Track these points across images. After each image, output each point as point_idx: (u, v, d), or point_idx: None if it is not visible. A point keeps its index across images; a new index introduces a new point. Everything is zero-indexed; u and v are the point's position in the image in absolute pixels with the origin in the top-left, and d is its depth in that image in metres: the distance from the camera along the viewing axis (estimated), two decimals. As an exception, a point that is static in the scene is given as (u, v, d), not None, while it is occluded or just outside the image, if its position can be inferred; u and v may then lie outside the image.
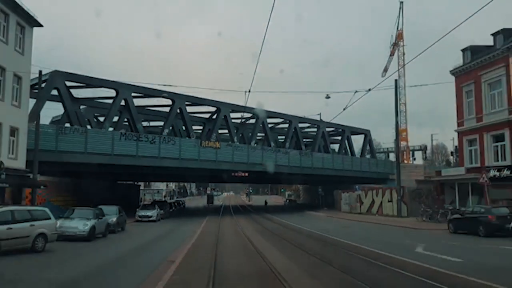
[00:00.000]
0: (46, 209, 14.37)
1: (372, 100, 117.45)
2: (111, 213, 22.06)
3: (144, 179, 66.01)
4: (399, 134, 59.09)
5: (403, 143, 60.48)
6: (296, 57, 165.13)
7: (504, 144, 26.54)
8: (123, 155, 31.87)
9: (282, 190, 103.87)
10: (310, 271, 10.44)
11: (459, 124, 30.96)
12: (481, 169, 26.42)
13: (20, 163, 22.75)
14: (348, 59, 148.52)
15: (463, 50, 31.03)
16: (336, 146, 57.62)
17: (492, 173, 24.73)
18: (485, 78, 28.11)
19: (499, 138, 27.00)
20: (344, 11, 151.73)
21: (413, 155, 68.34)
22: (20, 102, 22.85)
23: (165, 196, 79.21)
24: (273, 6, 10.75)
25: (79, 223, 17.25)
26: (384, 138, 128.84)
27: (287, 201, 74.32)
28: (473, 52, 30.04)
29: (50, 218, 13.80)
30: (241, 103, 37.98)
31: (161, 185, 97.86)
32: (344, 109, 28.95)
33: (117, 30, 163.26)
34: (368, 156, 54.85)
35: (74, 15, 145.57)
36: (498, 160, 26.84)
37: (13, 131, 22.25)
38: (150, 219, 30.77)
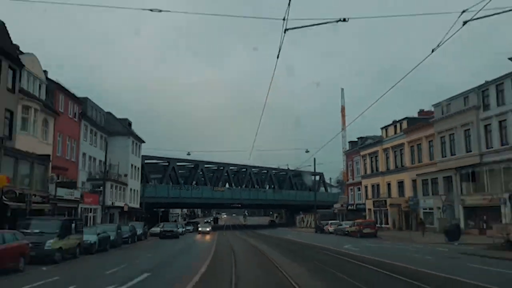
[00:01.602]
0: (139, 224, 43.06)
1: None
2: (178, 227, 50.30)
3: (180, 208, 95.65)
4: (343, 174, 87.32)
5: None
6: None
7: (360, 193, 55.55)
8: (173, 197, 60.87)
9: (271, 213, 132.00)
10: (257, 240, 38.75)
11: (348, 179, 60.09)
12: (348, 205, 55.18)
13: (137, 205, 51.61)
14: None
15: (349, 142, 60.34)
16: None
17: (350, 207, 53.38)
18: (359, 156, 57.29)
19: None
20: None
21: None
22: (138, 178, 51.92)
23: (184, 220, 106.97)
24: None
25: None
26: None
27: (270, 221, 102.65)
28: (352, 143, 59.26)
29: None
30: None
31: (177, 210, 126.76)
32: (314, 158, 57.77)
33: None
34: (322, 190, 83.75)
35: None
36: (359, 200, 55.71)
37: (135, 191, 51.24)
38: (190, 231, 59.25)
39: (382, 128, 48.98)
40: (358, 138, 57.19)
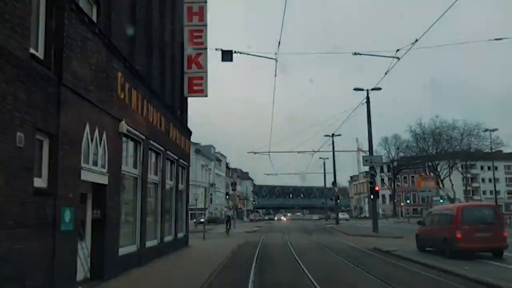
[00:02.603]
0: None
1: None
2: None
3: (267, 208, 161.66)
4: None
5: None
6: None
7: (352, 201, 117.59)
8: (264, 203, 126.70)
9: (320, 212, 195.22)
10: (299, 227, 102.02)
11: (350, 195, 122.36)
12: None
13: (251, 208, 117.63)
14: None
15: (350, 177, 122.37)
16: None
17: (348, 208, 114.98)
18: (353, 185, 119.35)
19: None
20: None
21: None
22: (251, 196, 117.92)
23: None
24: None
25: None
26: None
27: (318, 218, 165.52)
28: (351, 177, 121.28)
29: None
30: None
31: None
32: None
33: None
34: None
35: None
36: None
37: (252, 202, 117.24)
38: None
39: (359, 173, 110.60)
40: (352, 176, 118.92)
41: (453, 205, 23.06)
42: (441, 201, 44.18)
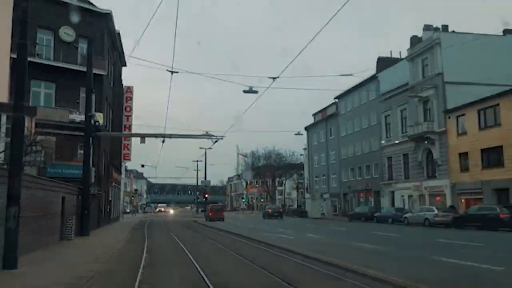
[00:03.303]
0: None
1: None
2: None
3: (159, 203, 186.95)
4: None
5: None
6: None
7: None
8: (155, 199, 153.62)
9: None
10: (174, 214, 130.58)
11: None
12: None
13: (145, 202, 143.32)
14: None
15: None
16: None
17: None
18: (229, 184, 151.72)
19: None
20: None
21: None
22: (145, 193, 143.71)
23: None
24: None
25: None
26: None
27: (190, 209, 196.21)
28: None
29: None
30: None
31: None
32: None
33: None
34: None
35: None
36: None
37: (145, 198, 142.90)
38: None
39: (234, 175, 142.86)
40: (229, 177, 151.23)
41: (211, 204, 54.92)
42: (244, 200, 77.19)
